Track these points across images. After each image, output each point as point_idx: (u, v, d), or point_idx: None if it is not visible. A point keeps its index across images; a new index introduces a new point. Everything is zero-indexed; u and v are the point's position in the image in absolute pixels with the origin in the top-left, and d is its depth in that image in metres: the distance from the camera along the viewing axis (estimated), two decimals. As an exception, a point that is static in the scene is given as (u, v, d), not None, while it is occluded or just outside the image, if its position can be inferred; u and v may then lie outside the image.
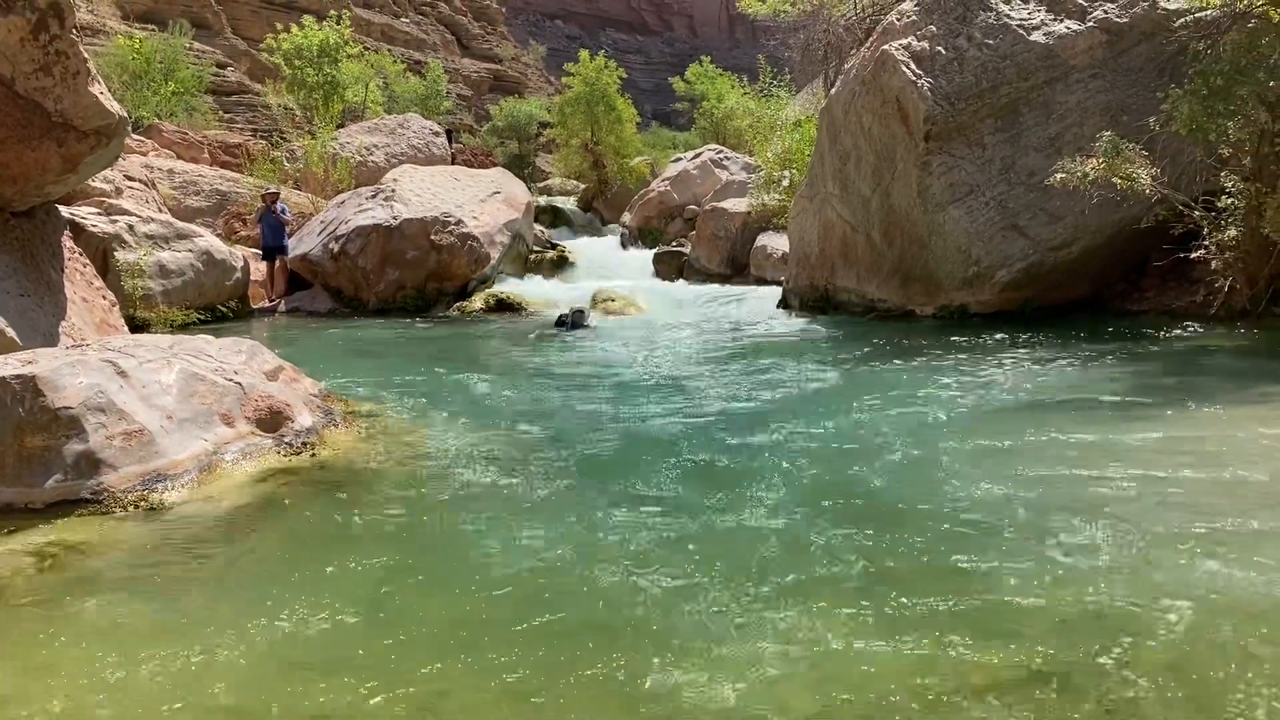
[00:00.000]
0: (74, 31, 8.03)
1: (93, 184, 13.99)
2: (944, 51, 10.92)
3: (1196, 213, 9.57)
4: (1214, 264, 9.61)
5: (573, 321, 13.07)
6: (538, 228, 22.11)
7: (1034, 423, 6.02)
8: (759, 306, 14.56)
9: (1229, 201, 9.34)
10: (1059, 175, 9.57)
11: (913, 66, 10.97)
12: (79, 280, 9.45)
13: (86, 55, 8.23)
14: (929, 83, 10.84)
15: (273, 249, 16.56)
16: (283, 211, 16.67)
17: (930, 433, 5.97)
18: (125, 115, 8.86)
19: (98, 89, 8.36)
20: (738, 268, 18.83)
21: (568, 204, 31.01)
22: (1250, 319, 9.41)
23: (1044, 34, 10.71)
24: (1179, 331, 9.25)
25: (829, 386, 7.82)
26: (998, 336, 9.65)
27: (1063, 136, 10.55)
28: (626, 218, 25.53)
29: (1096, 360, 8.11)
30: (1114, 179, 9.35)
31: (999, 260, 10.66)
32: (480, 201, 17.75)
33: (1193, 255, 9.72)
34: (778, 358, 9.58)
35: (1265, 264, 9.40)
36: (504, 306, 15.55)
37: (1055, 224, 10.50)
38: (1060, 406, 6.49)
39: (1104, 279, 11.27)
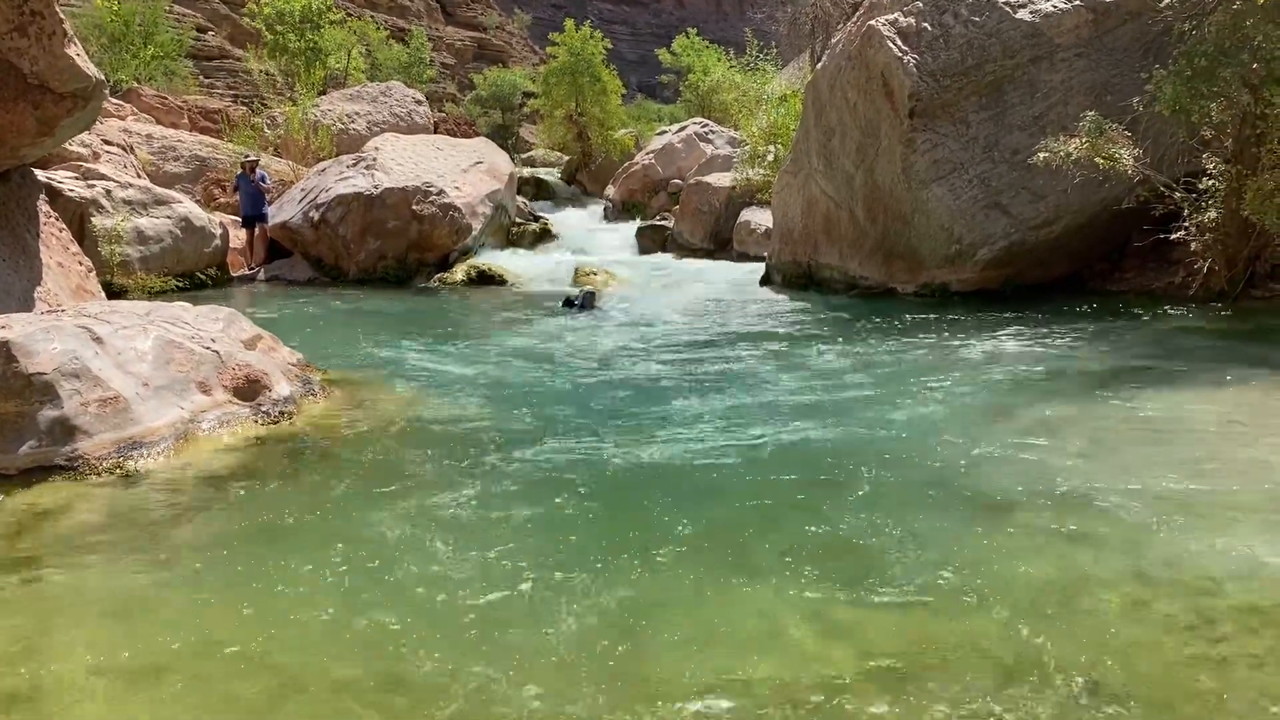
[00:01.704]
0: (49, -9, 7.89)
1: (69, 148, 13.80)
2: (930, 28, 10.89)
3: (1177, 194, 9.61)
4: (1193, 245, 9.65)
5: (582, 303, 12.15)
6: (520, 199, 21.98)
7: (1008, 404, 6.06)
8: (742, 282, 14.54)
9: (1210, 183, 9.38)
10: (1042, 154, 9.58)
11: (899, 42, 10.93)
12: (55, 245, 9.34)
13: (63, 16, 8.09)
14: (914, 59, 10.81)
15: (252, 217, 16.40)
16: (262, 179, 16.50)
17: (904, 410, 5.99)
18: (103, 78, 8.71)
19: (74, 51, 8.22)
20: (721, 243, 18.78)
21: (551, 176, 30.81)
22: (1228, 300, 9.48)
23: (1030, 12, 10.68)
24: (1157, 312, 9.30)
25: (813, 367, 7.83)
26: (978, 315, 9.69)
27: (1046, 115, 10.55)
28: (610, 191, 25.40)
29: (1074, 340, 8.16)
30: (1096, 159, 9.37)
31: (981, 238, 10.69)
32: (462, 172, 17.63)
33: (1173, 236, 9.76)
34: (764, 339, 9.58)
35: (1244, 246, 9.46)
36: (485, 278, 15.48)
37: (1037, 203, 10.52)
38: (1034, 387, 6.52)
39: (1084, 259, 11.32)
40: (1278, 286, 9.27)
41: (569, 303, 12.27)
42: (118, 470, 4.74)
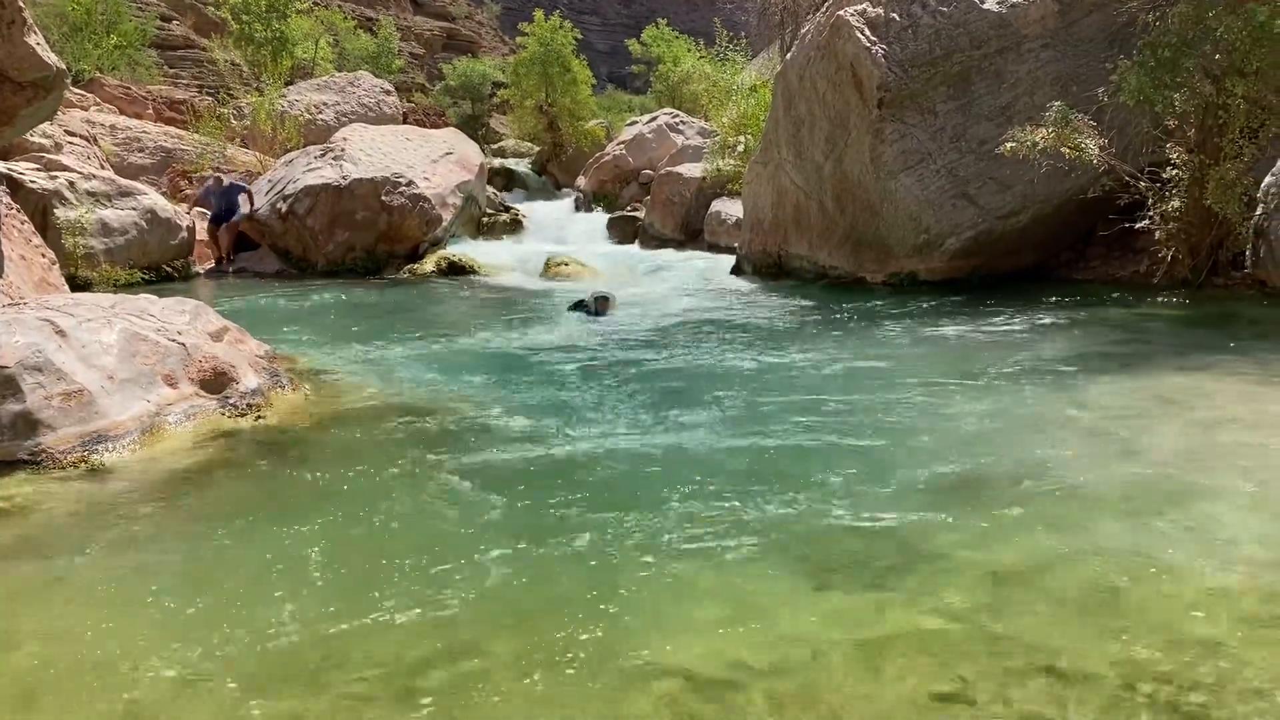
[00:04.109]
0: (8, -21, 7.76)
1: (31, 139, 13.63)
2: (898, 18, 10.94)
3: (1142, 183, 9.73)
4: (1158, 234, 9.78)
5: (595, 309, 10.42)
6: (491, 190, 21.90)
7: (979, 388, 6.12)
8: (713, 273, 14.57)
9: (1173, 173, 9.50)
10: (1009, 144, 9.67)
11: (867, 33, 10.97)
12: (16, 237, 9.20)
13: (23, 4, 7.96)
14: (883, 49, 10.85)
15: (221, 215, 16.17)
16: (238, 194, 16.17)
17: (865, 394, 6.04)
18: (64, 68, 8.59)
19: (34, 40, 8.09)
20: (692, 233, 18.80)
21: (521, 166, 30.67)
22: (1191, 289, 9.61)
23: (997, 2, 10.75)
24: (1122, 300, 9.41)
25: (790, 359, 7.85)
26: (946, 304, 9.76)
27: (1013, 106, 10.64)
28: (581, 181, 25.35)
29: (1040, 328, 8.24)
30: (1063, 149, 9.47)
31: (949, 228, 10.76)
32: (432, 162, 17.53)
33: (1137, 226, 9.89)
34: (739, 330, 9.60)
35: (1207, 235, 9.59)
36: (456, 269, 15.41)
37: (1005, 193, 10.61)
38: (1002, 375, 6.58)
39: (1051, 248, 11.44)
40: (1239, 274, 9.40)
41: (580, 306, 10.62)
42: (82, 464, 4.69)
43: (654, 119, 25.40)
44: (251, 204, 16.12)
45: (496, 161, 29.22)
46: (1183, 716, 2.44)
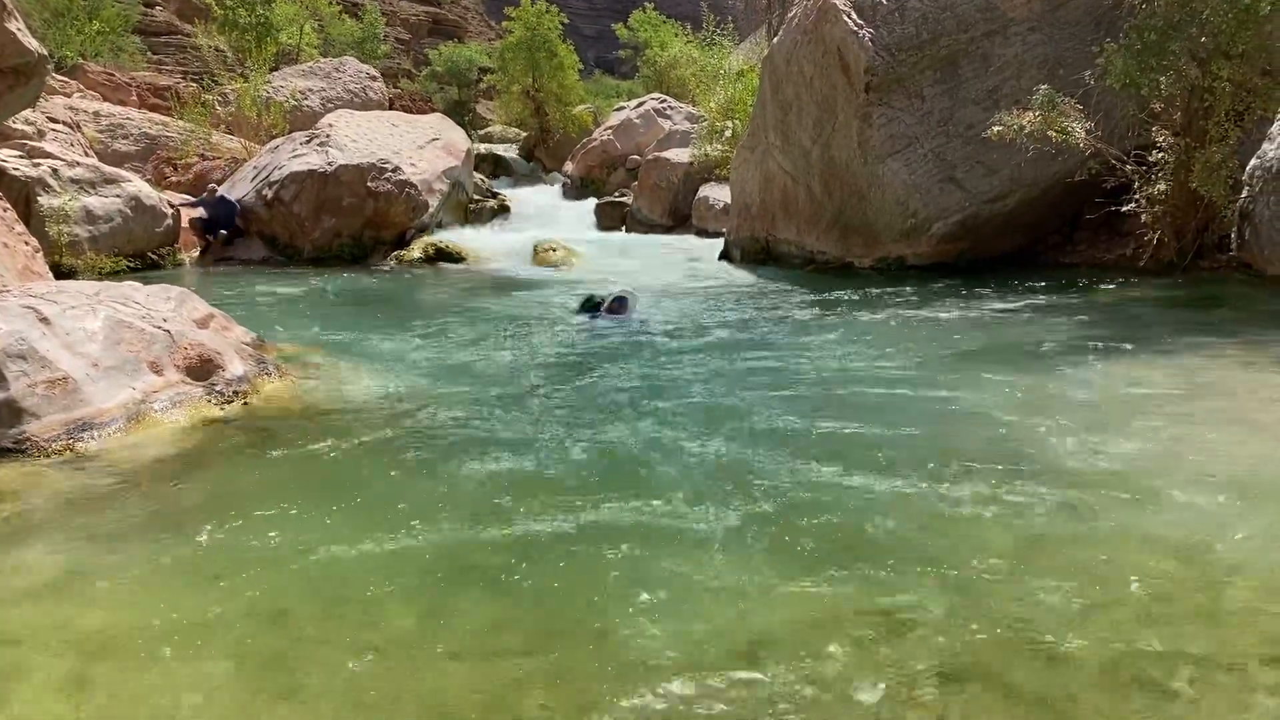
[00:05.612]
0: (-12, -36, 7.70)
1: (13, 125, 13.52)
2: (885, 2, 10.91)
3: (1128, 167, 9.75)
4: (1144, 218, 9.81)
5: (609, 309, 8.93)
6: (478, 176, 21.84)
7: (966, 373, 6.13)
8: (700, 258, 14.58)
9: (1159, 156, 9.52)
10: (996, 128, 9.68)
11: (854, 16, 10.95)
12: (-1, 225, 9.14)
13: (2, -11, 7.91)
14: (870, 33, 10.83)
15: (211, 224, 16.06)
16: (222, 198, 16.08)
17: (849, 380, 6.05)
18: (46, 53, 8.54)
19: (15, 25, 8.04)
20: (680, 219, 18.80)
21: (509, 152, 30.60)
22: (1177, 271, 9.65)
23: (984, -14, 10.74)
24: (1109, 283, 9.44)
25: (782, 347, 7.86)
26: (933, 288, 9.77)
27: (1000, 89, 10.63)
28: (569, 167, 25.31)
29: (1027, 312, 8.26)
30: (1049, 132, 9.48)
31: (936, 212, 10.77)
32: (418, 148, 17.47)
33: (1124, 209, 9.91)
34: (730, 317, 9.59)
35: (1192, 218, 9.62)
36: (444, 256, 15.38)
37: (991, 177, 10.62)
38: (987, 357, 6.60)
39: (1038, 232, 11.46)
40: (1225, 257, 9.44)
41: (590, 306, 9.21)
42: (68, 452, 4.67)
43: (641, 104, 25.35)
44: (240, 216, 16.09)
45: (483, 147, 29.15)
46: None
